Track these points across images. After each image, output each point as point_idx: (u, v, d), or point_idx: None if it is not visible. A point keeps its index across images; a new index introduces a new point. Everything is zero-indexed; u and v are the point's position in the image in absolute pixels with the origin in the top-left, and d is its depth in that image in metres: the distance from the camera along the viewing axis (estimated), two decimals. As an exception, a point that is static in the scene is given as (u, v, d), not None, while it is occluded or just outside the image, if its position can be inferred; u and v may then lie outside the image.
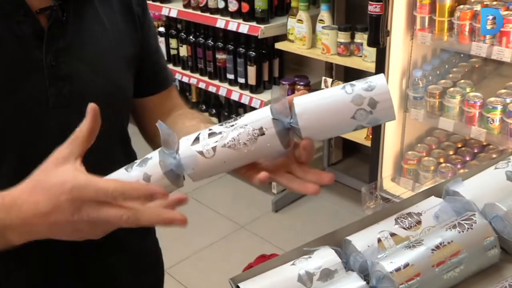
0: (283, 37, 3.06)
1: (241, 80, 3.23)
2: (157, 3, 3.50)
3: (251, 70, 3.15)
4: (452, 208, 0.84)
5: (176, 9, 3.41)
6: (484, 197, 0.84)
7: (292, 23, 2.94)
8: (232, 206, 3.23)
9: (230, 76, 3.29)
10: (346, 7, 3.02)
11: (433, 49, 2.57)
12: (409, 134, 2.66)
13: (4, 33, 0.82)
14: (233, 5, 3.07)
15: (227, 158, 0.74)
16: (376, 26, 2.17)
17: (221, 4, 3.15)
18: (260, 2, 2.95)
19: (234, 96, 3.27)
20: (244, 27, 3.00)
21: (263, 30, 2.94)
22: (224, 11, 3.15)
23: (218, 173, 0.77)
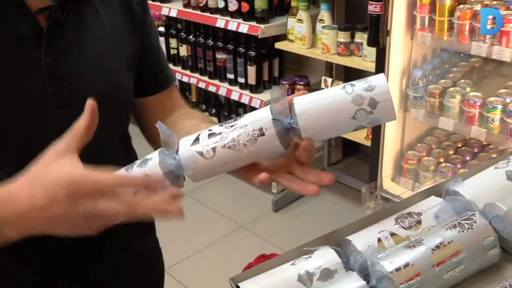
0: (283, 37, 3.06)
1: (241, 80, 3.23)
2: (157, 3, 3.50)
3: (251, 70, 3.15)
4: (452, 208, 0.84)
5: (176, 9, 3.41)
6: (484, 197, 0.84)
7: (292, 23, 2.94)
8: (232, 206, 3.22)
9: (230, 76, 3.29)
10: (346, 7, 3.02)
11: (433, 49, 2.57)
12: (409, 134, 2.66)
13: (3, 33, 0.82)
14: (233, 5, 3.07)
15: (227, 159, 0.74)
16: (376, 26, 2.17)
17: (221, 4, 3.15)
18: (260, 2, 2.95)
19: (234, 96, 3.27)
20: (244, 27, 3.00)
21: (263, 30, 2.94)
22: (224, 11, 3.15)
23: (218, 174, 0.77)
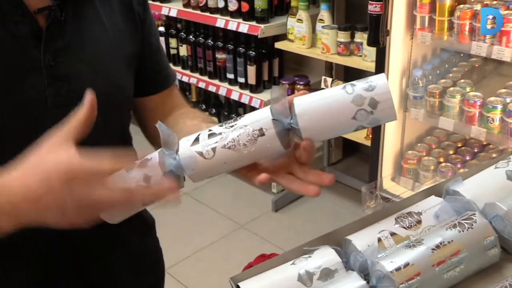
0: (283, 37, 3.06)
1: (241, 80, 3.22)
2: (157, 3, 3.50)
3: (251, 70, 3.15)
4: (452, 208, 0.84)
5: (176, 9, 3.41)
6: (484, 197, 0.84)
7: (292, 23, 2.94)
8: (232, 206, 3.22)
9: (230, 76, 3.29)
10: (346, 7, 3.02)
11: (433, 49, 2.57)
12: (409, 134, 2.66)
13: (2, 34, 0.82)
14: (233, 5, 3.06)
15: (227, 159, 0.73)
16: (376, 26, 2.17)
17: (221, 4, 3.15)
18: (260, 2, 2.95)
19: (234, 96, 3.27)
20: (244, 27, 3.00)
21: (263, 30, 2.94)
22: (224, 11, 3.15)
23: (218, 174, 0.76)
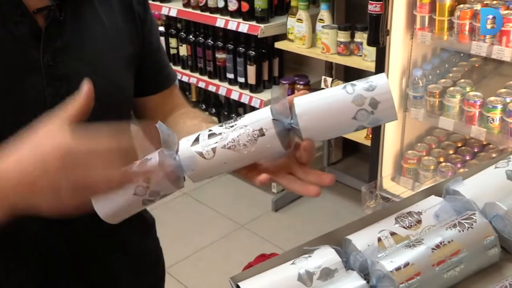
0: (283, 37, 3.06)
1: (241, 80, 3.22)
2: (157, 3, 3.50)
3: (251, 70, 3.15)
4: (452, 207, 0.84)
5: (176, 9, 3.41)
6: (484, 196, 0.84)
7: (292, 23, 2.94)
8: (232, 206, 3.22)
9: (230, 76, 3.29)
10: (346, 6, 3.02)
11: (433, 49, 2.57)
12: (409, 134, 2.66)
13: (2, 34, 0.82)
14: (233, 4, 3.06)
15: (227, 159, 0.73)
16: (376, 26, 2.17)
17: (221, 4, 3.15)
18: (260, 2, 2.95)
19: (234, 96, 3.27)
20: (244, 27, 3.00)
21: (263, 30, 2.94)
22: (224, 11, 3.15)
23: (218, 174, 0.76)
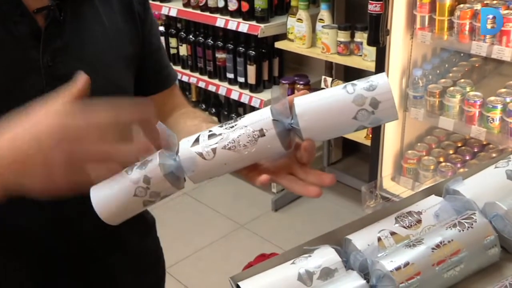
0: (283, 36, 3.06)
1: (241, 79, 3.22)
2: (157, 2, 3.50)
3: (251, 69, 3.15)
4: (452, 207, 0.84)
5: (176, 8, 3.41)
6: (484, 196, 0.83)
7: (292, 22, 2.94)
8: (232, 206, 3.22)
9: (230, 75, 3.29)
10: (346, 6, 3.02)
11: (433, 48, 2.57)
12: (409, 133, 2.66)
13: (2, 33, 0.82)
14: (233, 4, 3.06)
15: (227, 160, 0.73)
16: (376, 25, 2.17)
17: (221, 3, 3.15)
18: (260, 1, 2.95)
19: (234, 95, 3.27)
20: (244, 26, 3.00)
21: (263, 29, 2.94)
22: (224, 10, 3.15)
23: (219, 175, 0.75)
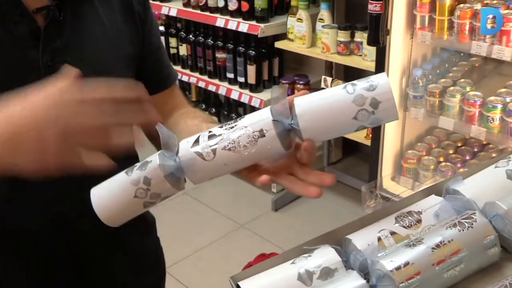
0: (283, 36, 3.06)
1: (241, 79, 3.22)
2: (157, 2, 3.50)
3: (251, 69, 3.15)
4: (452, 207, 0.84)
5: (176, 8, 3.41)
6: (484, 196, 0.83)
7: (292, 22, 2.94)
8: (232, 205, 3.22)
9: (230, 75, 3.29)
10: (346, 6, 3.02)
11: (433, 48, 2.57)
12: (409, 133, 2.66)
13: (2, 33, 0.82)
14: (233, 4, 3.06)
15: (228, 161, 0.73)
16: (376, 25, 2.17)
17: (221, 3, 3.15)
18: (260, 1, 2.95)
19: (234, 95, 3.27)
20: (244, 26, 3.00)
21: (263, 29, 2.94)
22: (224, 10, 3.15)
23: (219, 176, 0.76)
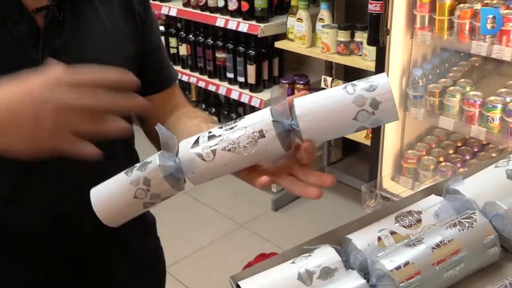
0: (283, 36, 3.06)
1: (241, 79, 3.23)
2: (157, 2, 3.50)
3: (251, 69, 3.15)
4: (452, 207, 0.84)
5: (176, 8, 3.41)
6: (484, 196, 0.83)
7: (292, 22, 2.94)
8: (232, 205, 3.22)
9: (230, 75, 3.29)
10: (346, 6, 3.02)
11: (433, 48, 2.57)
12: (409, 133, 2.66)
13: (2, 33, 0.82)
14: (233, 4, 3.06)
15: (227, 161, 0.73)
16: (376, 25, 2.17)
17: (221, 3, 3.15)
18: (260, 1, 2.95)
19: (234, 95, 3.27)
20: (244, 26, 3.00)
21: (263, 29, 2.94)
22: (224, 10, 3.15)
23: (219, 177, 0.75)
